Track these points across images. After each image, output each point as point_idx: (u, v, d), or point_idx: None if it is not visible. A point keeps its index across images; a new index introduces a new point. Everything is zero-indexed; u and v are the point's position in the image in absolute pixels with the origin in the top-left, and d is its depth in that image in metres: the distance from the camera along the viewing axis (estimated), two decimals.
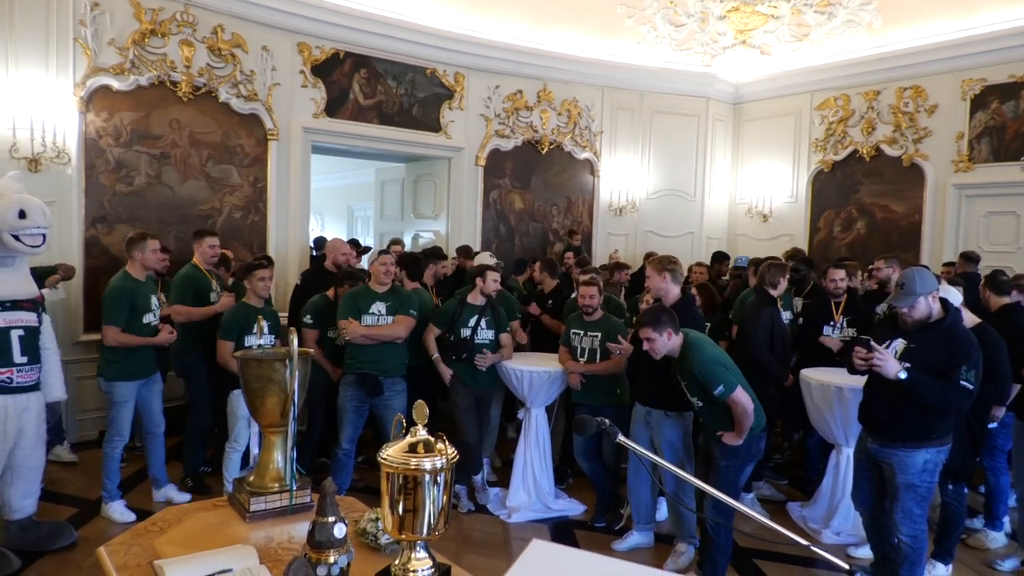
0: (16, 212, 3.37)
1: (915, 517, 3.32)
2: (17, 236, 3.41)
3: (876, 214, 8.28)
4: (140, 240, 4.38)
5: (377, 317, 4.46)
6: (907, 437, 3.29)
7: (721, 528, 3.60)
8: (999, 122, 7.28)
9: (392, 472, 1.63)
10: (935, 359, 3.19)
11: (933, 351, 3.21)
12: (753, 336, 4.69)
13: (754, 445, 3.61)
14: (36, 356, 3.69)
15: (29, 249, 3.51)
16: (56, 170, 5.56)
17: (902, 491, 3.30)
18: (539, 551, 1.41)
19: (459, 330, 4.70)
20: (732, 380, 3.47)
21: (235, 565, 1.80)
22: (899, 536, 3.36)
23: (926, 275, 3.29)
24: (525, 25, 7.88)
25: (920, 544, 3.35)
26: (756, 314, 4.75)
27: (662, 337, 3.55)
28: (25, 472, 3.72)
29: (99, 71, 5.75)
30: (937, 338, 3.22)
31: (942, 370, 3.16)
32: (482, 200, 8.31)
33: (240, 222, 6.61)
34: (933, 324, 3.26)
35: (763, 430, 3.64)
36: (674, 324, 3.59)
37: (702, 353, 3.53)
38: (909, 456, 3.28)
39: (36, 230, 3.48)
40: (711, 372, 3.47)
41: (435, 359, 4.76)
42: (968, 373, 3.12)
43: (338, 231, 13.08)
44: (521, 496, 4.73)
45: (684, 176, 9.38)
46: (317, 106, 7.10)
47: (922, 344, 3.24)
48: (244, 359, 2.31)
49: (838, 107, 8.55)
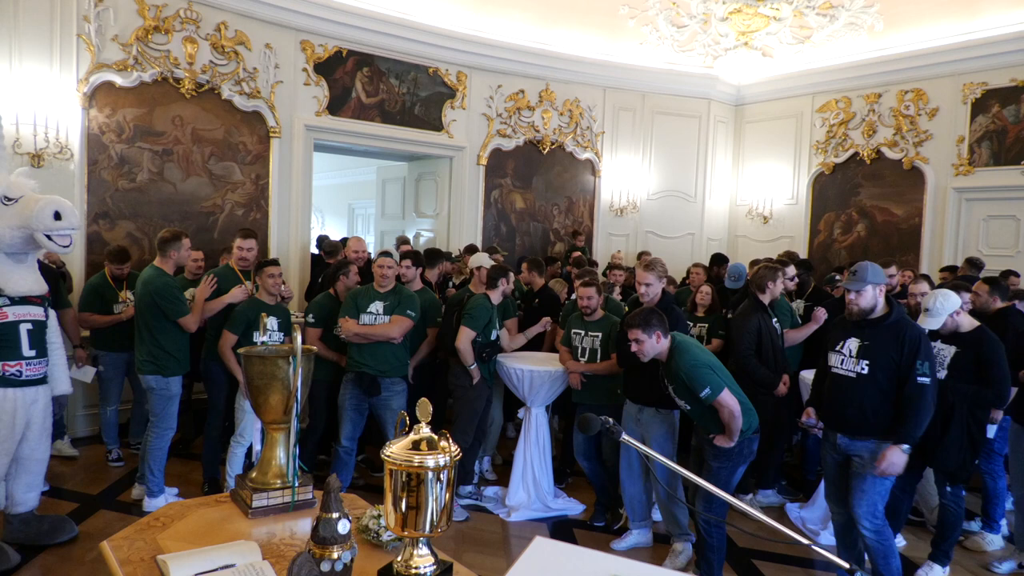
0: (52, 213, 3.45)
1: (878, 512, 3.41)
2: (50, 236, 3.50)
3: (876, 217, 8.30)
4: (175, 240, 4.47)
5: (374, 316, 4.46)
6: (878, 430, 3.38)
7: (714, 528, 3.62)
8: (999, 126, 7.30)
9: (395, 469, 1.65)
10: (888, 354, 3.36)
11: (885, 346, 3.38)
12: (738, 343, 4.60)
13: (746, 447, 3.61)
14: (44, 350, 3.73)
15: (60, 249, 3.61)
16: (59, 166, 5.58)
17: (869, 482, 3.38)
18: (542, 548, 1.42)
19: (491, 332, 4.70)
20: (719, 382, 3.48)
21: (238, 561, 1.81)
22: (863, 531, 3.43)
23: (878, 269, 3.49)
24: (528, 25, 7.89)
25: (883, 537, 3.42)
26: (743, 321, 4.64)
27: (651, 339, 3.56)
28: (30, 465, 3.75)
29: (102, 67, 5.76)
30: (887, 333, 3.39)
31: (898, 364, 3.33)
32: (483, 199, 8.32)
33: (242, 219, 6.62)
34: (880, 320, 3.42)
35: (756, 432, 3.64)
36: (663, 327, 3.59)
37: (689, 356, 3.53)
38: (881, 448, 3.34)
39: (70, 231, 3.58)
40: (697, 375, 3.47)
41: (472, 369, 4.59)
42: (923, 366, 3.29)
43: (339, 229, 13.08)
44: (521, 495, 4.74)
45: (685, 177, 9.39)
46: (319, 104, 7.11)
47: (874, 341, 3.41)
48: (248, 356, 2.33)
49: (839, 109, 8.56)
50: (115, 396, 5.25)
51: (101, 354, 5.19)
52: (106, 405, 5.24)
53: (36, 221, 3.44)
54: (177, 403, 4.50)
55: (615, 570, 1.35)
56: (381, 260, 4.59)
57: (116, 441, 5.28)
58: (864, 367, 3.42)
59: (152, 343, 4.36)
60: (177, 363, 4.43)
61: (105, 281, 5.17)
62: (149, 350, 4.36)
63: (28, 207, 3.45)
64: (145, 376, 4.40)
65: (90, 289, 5.16)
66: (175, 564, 1.79)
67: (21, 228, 3.47)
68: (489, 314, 4.66)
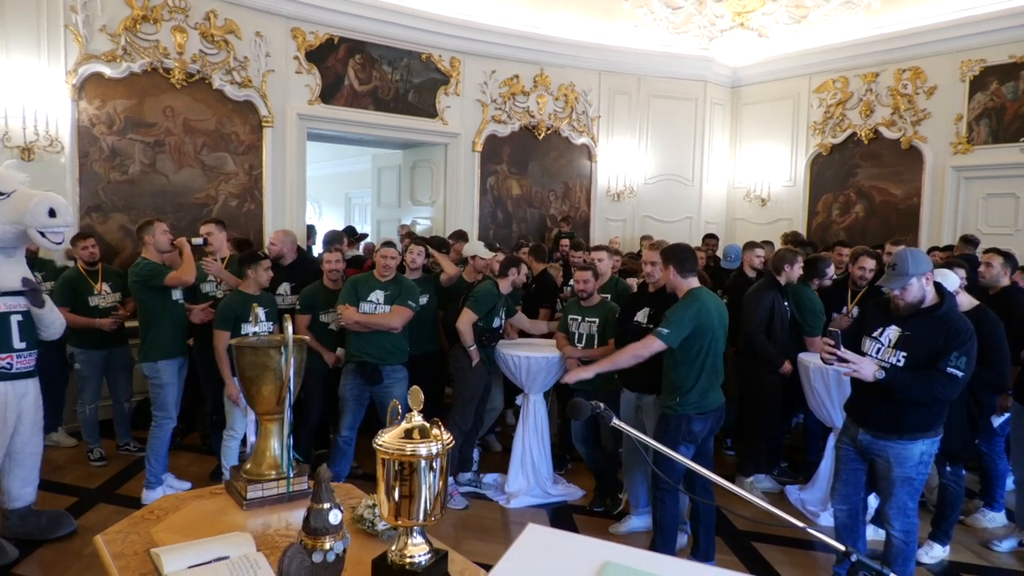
0: (47, 210, 3.44)
1: (908, 511, 3.22)
2: (43, 233, 3.49)
3: (875, 197, 8.26)
4: (147, 225, 4.51)
5: (375, 306, 4.44)
6: (907, 430, 3.13)
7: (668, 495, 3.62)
8: (998, 103, 7.24)
9: (388, 458, 1.63)
10: (929, 347, 3.05)
11: (927, 339, 3.06)
12: (750, 319, 4.62)
13: (684, 425, 3.55)
14: (33, 342, 3.71)
15: (53, 246, 3.60)
16: (49, 159, 5.53)
17: (898, 485, 3.17)
18: (535, 535, 1.40)
19: (492, 319, 4.70)
20: (676, 335, 3.47)
21: (232, 552, 1.79)
22: (891, 532, 3.27)
23: (919, 255, 3.13)
24: (521, 8, 7.81)
25: (912, 538, 3.24)
26: (758, 297, 4.67)
27: (661, 268, 3.72)
28: (24, 459, 3.74)
29: (91, 58, 5.70)
30: (932, 325, 3.07)
31: (936, 357, 3.02)
32: (479, 186, 8.28)
33: (236, 210, 6.58)
34: (927, 310, 3.10)
35: (700, 413, 3.56)
36: (679, 263, 3.63)
37: (691, 307, 3.52)
38: (906, 448, 3.14)
39: (63, 228, 3.57)
40: (675, 317, 3.49)
41: (472, 350, 4.61)
42: (958, 360, 2.97)
43: (336, 219, 13.05)
44: (520, 482, 4.74)
45: (682, 161, 9.34)
46: (312, 92, 7.05)
47: (916, 331, 3.10)
48: (239, 347, 2.30)
49: (836, 90, 8.50)
50: (93, 394, 5.11)
51: (78, 352, 5.04)
52: (84, 403, 5.09)
53: (30, 218, 3.42)
54: (172, 392, 4.47)
55: (609, 556, 1.33)
56: (384, 251, 4.56)
57: (97, 440, 5.16)
58: (901, 359, 3.11)
59: (143, 329, 4.39)
60: (161, 348, 4.40)
61: (79, 273, 4.99)
62: (141, 337, 4.39)
63: (23, 203, 3.43)
64: (139, 365, 4.42)
65: (63, 282, 4.94)
66: (168, 557, 1.77)
67: (14, 224, 3.44)
68: (494, 301, 4.66)
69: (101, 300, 5.01)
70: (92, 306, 4.95)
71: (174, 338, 4.50)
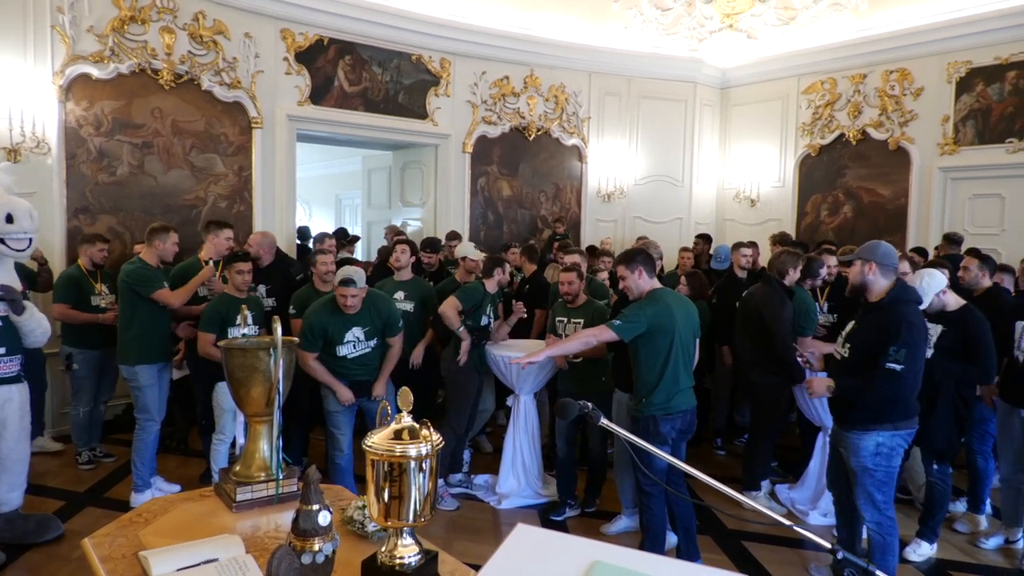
0: (3, 216, 3.38)
1: (877, 503, 3.25)
2: (2, 239, 3.43)
3: (863, 198, 8.32)
4: (163, 231, 4.56)
5: (355, 343, 4.26)
6: (856, 420, 3.25)
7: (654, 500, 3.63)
8: (984, 104, 7.31)
9: (377, 459, 1.63)
10: (864, 340, 3.22)
11: (863, 333, 3.25)
12: (781, 335, 4.40)
13: (652, 426, 3.53)
14: (14, 347, 3.66)
15: (14, 253, 3.54)
16: (36, 160, 5.48)
17: (858, 475, 3.26)
18: (524, 535, 1.41)
19: (480, 318, 4.71)
20: (630, 329, 3.45)
21: (221, 555, 1.79)
22: (866, 524, 3.33)
23: (876, 246, 3.27)
24: (511, 10, 7.82)
25: (886, 530, 3.27)
26: (780, 310, 4.47)
27: (633, 275, 3.62)
28: (10, 465, 3.70)
29: (78, 59, 5.66)
30: (871, 319, 3.23)
31: (873, 350, 3.13)
32: (469, 187, 8.27)
33: (225, 212, 6.54)
34: (875, 305, 3.24)
35: (667, 415, 3.54)
36: (647, 266, 3.63)
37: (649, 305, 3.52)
38: (860, 439, 3.23)
39: (23, 235, 3.50)
40: (631, 313, 3.49)
41: (461, 331, 4.57)
42: (897, 353, 3.04)
43: (326, 220, 13.01)
44: (511, 482, 4.75)
45: (672, 162, 9.37)
46: (301, 93, 7.03)
47: (860, 324, 3.31)
48: (228, 348, 2.30)
49: (824, 91, 8.55)
50: (87, 396, 5.03)
51: (75, 352, 4.99)
52: (79, 405, 5.02)
53: None
54: (155, 394, 4.45)
55: (597, 556, 1.33)
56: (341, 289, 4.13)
57: (86, 443, 5.09)
58: (846, 351, 3.33)
59: (124, 331, 4.39)
60: (140, 352, 4.38)
61: (81, 272, 5.02)
62: (120, 338, 4.39)
63: None
64: (120, 367, 4.42)
65: (66, 280, 4.98)
66: (156, 560, 1.77)
67: None
68: (480, 297, 4.67)
69: (101, 300, 5.04)
70: (94, 306, 5.01)
71: (154, 341, 4.45)
